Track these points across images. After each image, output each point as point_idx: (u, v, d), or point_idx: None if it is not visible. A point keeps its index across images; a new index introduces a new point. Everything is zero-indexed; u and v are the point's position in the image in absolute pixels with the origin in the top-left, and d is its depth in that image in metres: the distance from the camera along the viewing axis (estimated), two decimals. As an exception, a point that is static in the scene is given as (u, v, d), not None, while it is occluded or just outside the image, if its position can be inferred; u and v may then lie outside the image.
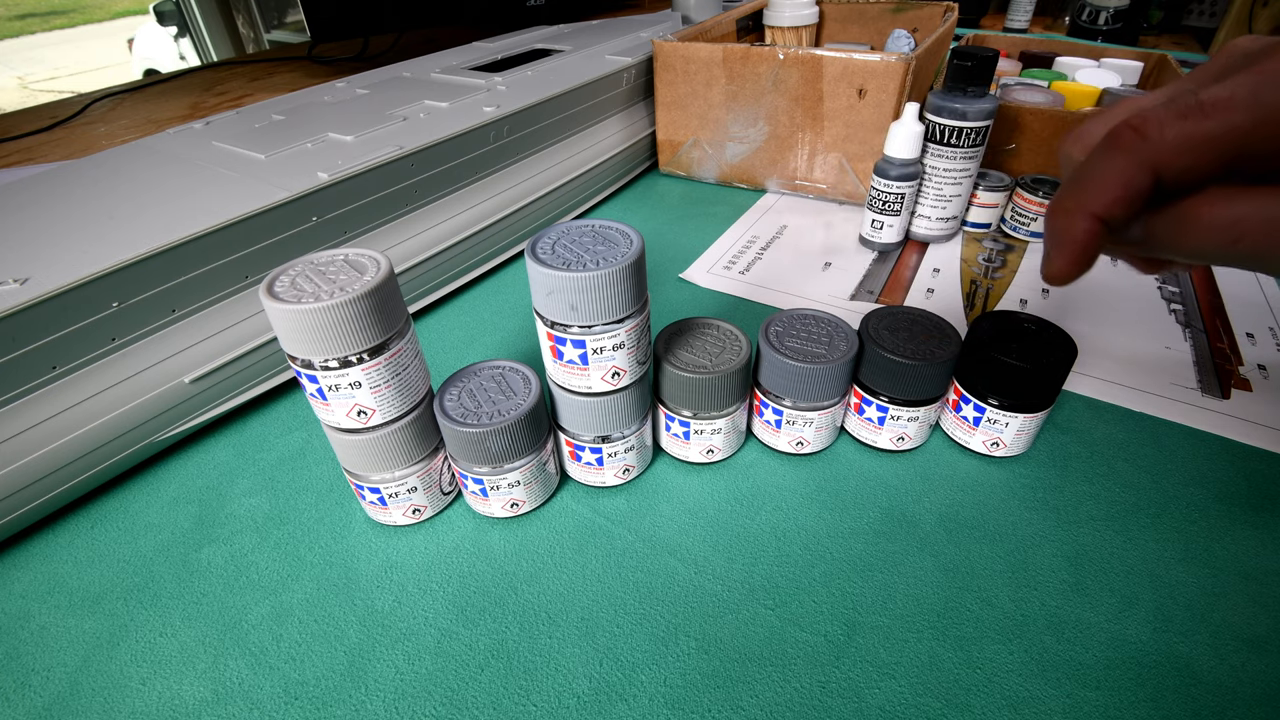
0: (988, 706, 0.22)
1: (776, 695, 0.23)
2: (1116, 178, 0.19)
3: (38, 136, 0.71)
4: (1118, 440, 0.32)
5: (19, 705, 0.24)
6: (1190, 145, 0.18)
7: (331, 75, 0.84)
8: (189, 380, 0.32)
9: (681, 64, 0.56)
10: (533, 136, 0.49)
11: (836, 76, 0.50)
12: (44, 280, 0.28)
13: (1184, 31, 1.17)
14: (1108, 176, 0.19)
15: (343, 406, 0.25)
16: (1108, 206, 0.19)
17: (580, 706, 0.23)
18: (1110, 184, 0.19)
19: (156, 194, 0.36)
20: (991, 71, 0.43)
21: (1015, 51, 0.75)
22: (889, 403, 0.30)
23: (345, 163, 0.38)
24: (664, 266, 0.48)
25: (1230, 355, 0.37)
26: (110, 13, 5.63)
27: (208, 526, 0.30)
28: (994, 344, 0.29)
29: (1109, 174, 0.19)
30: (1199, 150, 0.18)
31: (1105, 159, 0.19)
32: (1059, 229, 0.20)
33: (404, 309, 0.25)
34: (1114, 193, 0.19)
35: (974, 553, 0.27)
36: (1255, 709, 0.22)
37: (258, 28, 1.71)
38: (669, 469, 0.32)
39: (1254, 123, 0.17)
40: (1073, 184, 0.20)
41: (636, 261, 0.24)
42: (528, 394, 0.27)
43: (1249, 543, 0.27)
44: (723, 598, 0.26)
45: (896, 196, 0.46)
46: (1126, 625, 0.25)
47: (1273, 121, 0.17)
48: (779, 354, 0.29)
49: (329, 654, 0.25)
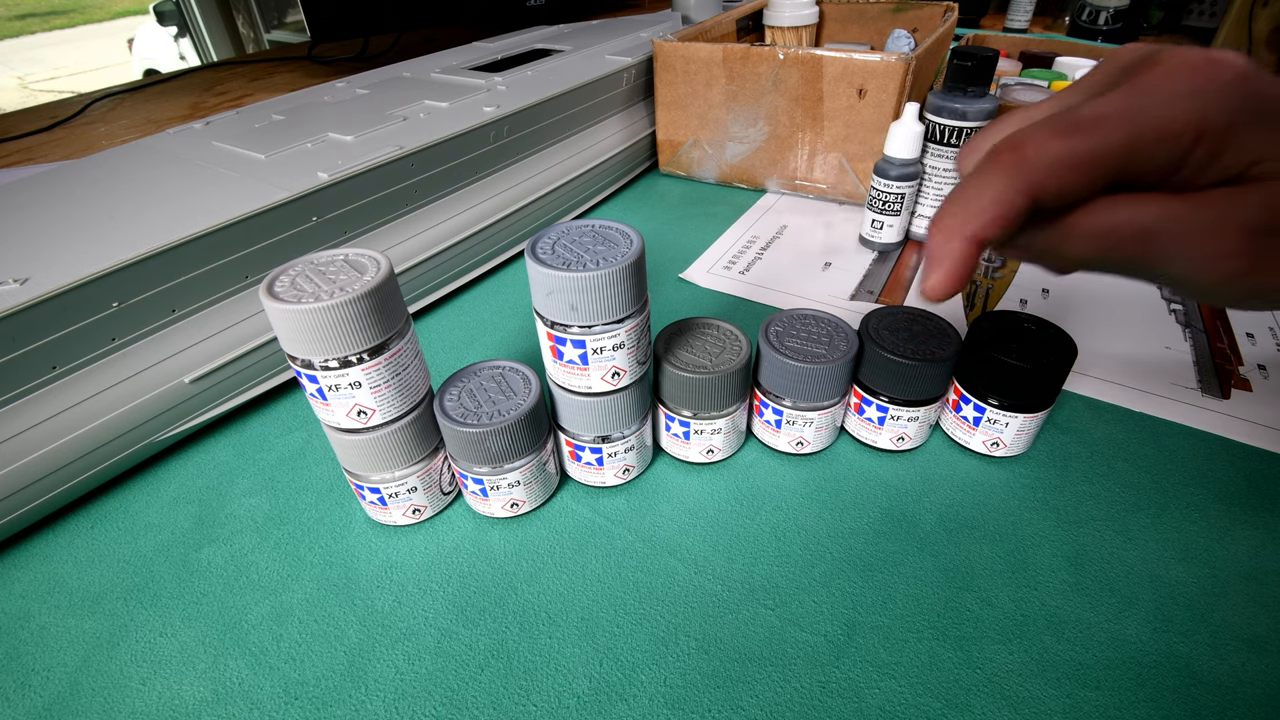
0: (988, 706, 0.22)
1: (776, 695, 0.23)
2: (992, 200, 0.19)
3: (38, 136, 0.71)
4: (1118, 440, 0.32)
5: (19, 705, 0.24)
6: (1065, 166, 0.18)
7: (331, 75, 0.84)
8: (189, 380, 0.32)
9: (681, 64, 0.56)
10: (533, 136, 0.49)
11: (836, 76, 0.50)
12: (44, 280, 0.28)
13: (1184, 31, 1.17)
14: (984, 198, 0.19)
15: (343, 406, 0.25)
16: (983, 228, 0.19)
17: (580, 706, 0.23)
18: (986, 206, 0.19)
19: (156, 194, 0.36)
20: (991, 71, 0.43)
21: (1015, 51, 0.75)
22: (889, 403, 0.30)
23: (345, 163, 0.38)
24: (664, 266, 0.48)
25: (1230, 355, 0.37)
26: (110, 13, 5.63)
27: (208, 526, 0.30)
28: (994, 344, 0.29)
29: (986, 195, 0.19)
30: (1074, 171, 0.18)
31: (983, 179, 0.19)
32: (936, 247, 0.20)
33: (404, 309, 0.25)
34: (989, 214, 0.19)
35: (974, 553, 0.27)
36: (1255, 709, 0.22)
37: (258, 28, 1.71)
38: (669, 469, 0.32)
39: (1128, 140, 0.17)
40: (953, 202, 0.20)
41: (636, 261, 0.24)
42: (528, 394, 0.27)
43: (1249, 543, 0.27)
44: (723, 598, 0.26)
45: (896, 196, 0.46)
46: (1126, 625, 0.25)
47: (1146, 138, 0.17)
48: (779, 354, 0.29)
49: (329, 654, 0.25)
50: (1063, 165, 0.18)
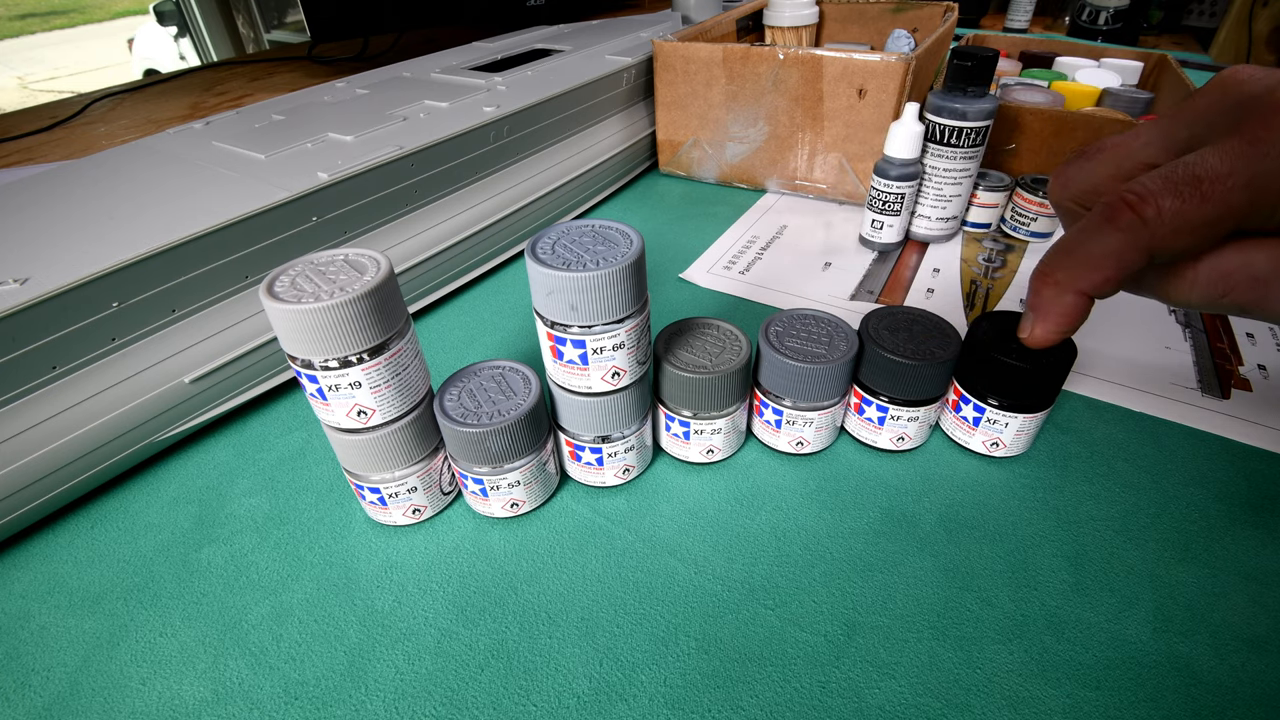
0: (988, 706, 0.22)
1: (776, 695, 0.23)
2: (1111, 259, 0.18)
3: (38, 136, 0.71)
4: (1118, 440, 0.32)
5: (19, 705, 0.24)
6: (1187, 229, 0.17)
7: (331, 75, 0.84)
8: (189, 380, 0.32)
9: (681, 64, 0.56)
10: (533, 136, 0.49)
11: (836, 76, 0.50)
12: (44, 280, 0.28)
13: (1184, 31, 1.17)
14: (1101, 256, 0.19)
15: (343, 406, 0.25)
16: (1098, 286, 0.19)
17: (580, 706, 0.23)
18: (1103, 264, 0.19)
19: (156, 194, 0.36)
20: (991, 71, 0.43)
21: (1015, 51, 0.75)
22: (889, 403, 0.30)
23: (345, 163, 0.38)
24: (664, 266, 0.48)
25: (1230, 355, 0.37)
26: (110, 13, 5.63)
27: (208, 526, 0.30)
28: (994, 344, 0.29)
29: (1102, 253, 0.19)
30: (1193, 234, 0.17)
31: (1099, 235, 0.19)
32: (1046, 300, 0.20)
33: (404, 309, 0.25)
34: (1104, 273, 0.19)
35: (974, 553, 0.27)
36: (1255, 709, 0.22)
37: (258, 28, 1.71)
38: (669, 469, 0.32)
39: (1250, 204, 0.17)
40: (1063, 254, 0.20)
41: (636, 261, 0.24)
42: (528, 394, 0.27)
43: (1249, 543, 0.27)
44: (723, 598, 0.26)
45: (896, 196, 0.46)
46: (1126, 625, 0.25)
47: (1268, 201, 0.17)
48: (779, 354, 0.29)
49: (329, 654, 0.25)
50: (1184, 228, 0.17)
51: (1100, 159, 0.21)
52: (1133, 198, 0.18)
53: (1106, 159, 0.21)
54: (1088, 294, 0.19)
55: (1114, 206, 0.18)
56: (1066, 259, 0.20)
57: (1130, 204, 0.18)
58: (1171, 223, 0.17)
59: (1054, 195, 0.22)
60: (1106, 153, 0.21)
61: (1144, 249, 0.18)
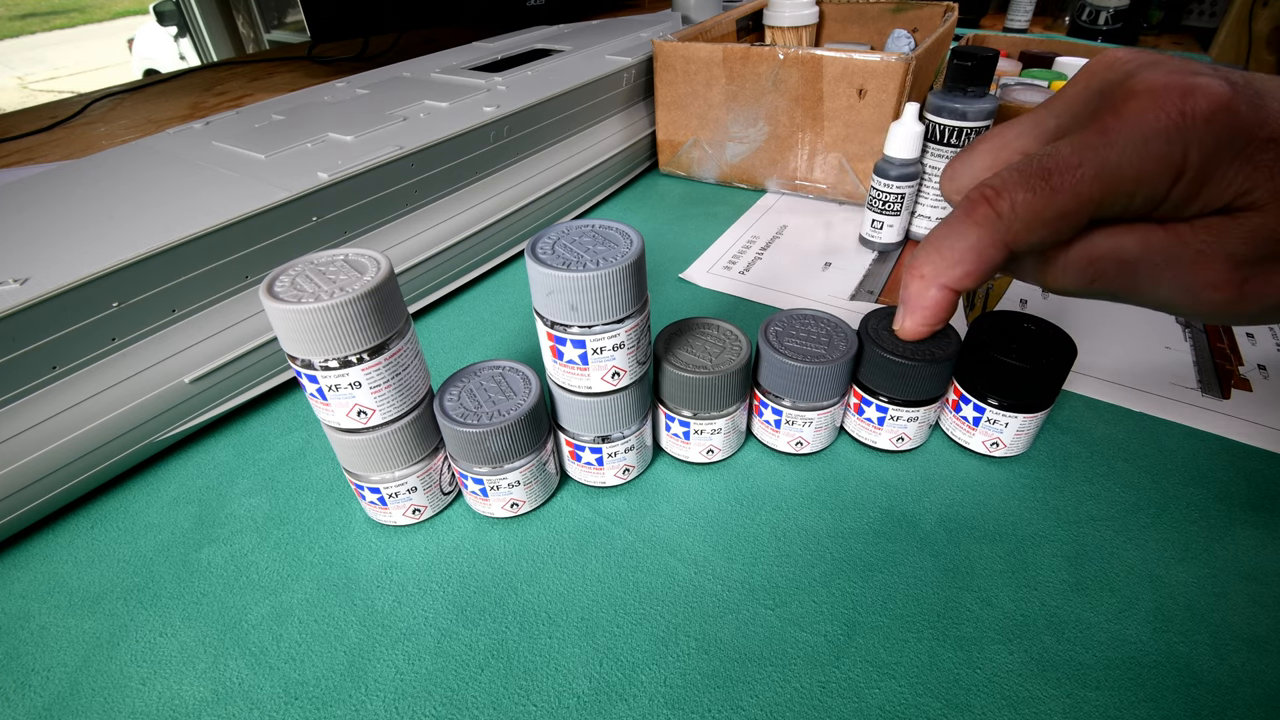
0: (988, 706, 0.22)
1: (776, 695, 0.23)
2: (971, 254, 0.19)
3: (38, 136, 0.71)
4: (1118, 440, 0.32)
5: (19, 705, 0.24)
6: (1040, 222, 0.18)
7: (331, 75, 0.84)
8: (189, 380, 0.32)
9: (681, 64, 0.56)
10: (533, 136, 0.49)
11: (836, 76, 0.50)
12: (44, 280, 0.28)
13: (1184, 31, 1.17)
14: (962, 250, 0.19)
15: (343, 406, 0.25)
16: (959, 280, 0.19)
17: (580, 706, 0.23)
18: (964, 259, 0.19)
19: (156, 194, 0.36)
20: (991, 71, 0.43)
21: (1015, 51, 0.75)
22: (889, 403, 0.30)
23: (345, 163, 0.38)
24: (664, 266, 0.48)
25: (1230, 355, 0.37)
26: (110, 13, 5.63)
27: (208, 526, 0.30)
28: (994, 344, 0.29)
29: (964, 247, 0.19)
30: (1047, 225, 0.18)
31: (960, 230, 0.19)
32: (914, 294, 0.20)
33: (404, 309, 0.25)
34: (964, 267, 0.19)
35: (974, 553, 0.27)
36: (1255, 709, 0.22)
37: (258, 28, 1.71)
38: (669, 469, 0.32)
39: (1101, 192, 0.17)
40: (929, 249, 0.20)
41: (636, 261, 0.24)
42: (528, 394, 0.27)
43: (1249, 543, 0.27)
44: (723, 598, 0.26)
45: (896, 196, 0.46)
46: (1126, 625, 0.25)
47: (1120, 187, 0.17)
48: (779, 354, 0.29)
49: (329, 654, 0.25)
50: (1036, 221, 0.17)
51: (980, 151, 0.21)
52: (990, 192, 0.18)
53: (985, 150, 0.21)
54: (952, 288, 0.20)
55: (972, 201, 0.19)
56: (930, 253, 0.20)
57: (987, 199, 0.18)
58: (1024, 216, 0.18)
59: (943, 190, 0.23)
60: (986, 144, 0.21)
61: (1001, 243, 0.18)
